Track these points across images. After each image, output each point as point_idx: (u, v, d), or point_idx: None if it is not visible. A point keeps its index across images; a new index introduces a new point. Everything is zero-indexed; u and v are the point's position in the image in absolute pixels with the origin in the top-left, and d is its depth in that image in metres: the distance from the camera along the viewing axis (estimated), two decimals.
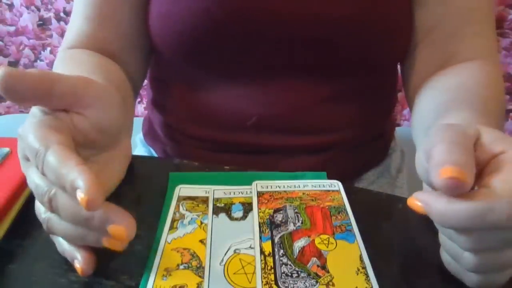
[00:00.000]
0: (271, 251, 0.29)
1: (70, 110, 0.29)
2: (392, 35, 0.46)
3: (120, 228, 0.25)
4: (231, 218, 0.32)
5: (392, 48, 0.47)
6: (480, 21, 0.47)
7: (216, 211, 0.33)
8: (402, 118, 1.15)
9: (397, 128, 0.65)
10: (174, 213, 0.33)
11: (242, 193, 0.35)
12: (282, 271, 0.27)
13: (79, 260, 0.27)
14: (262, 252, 0.29)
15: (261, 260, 0.28)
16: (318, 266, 0.28)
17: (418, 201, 0.26)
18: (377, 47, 0.46)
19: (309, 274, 0.27)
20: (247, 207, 0.33)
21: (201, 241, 0.30)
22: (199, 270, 0.28)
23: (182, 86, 0.51)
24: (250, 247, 0.30)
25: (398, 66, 0.54)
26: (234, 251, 0.29)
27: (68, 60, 0.45)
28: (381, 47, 0.46)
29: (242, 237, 0.30)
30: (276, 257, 0.29)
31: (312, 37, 0.44)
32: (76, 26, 0.49)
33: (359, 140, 0.53)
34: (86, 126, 0.30)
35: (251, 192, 0.35)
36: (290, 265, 0.28)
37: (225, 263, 0.28)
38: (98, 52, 0.46)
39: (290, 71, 0.47)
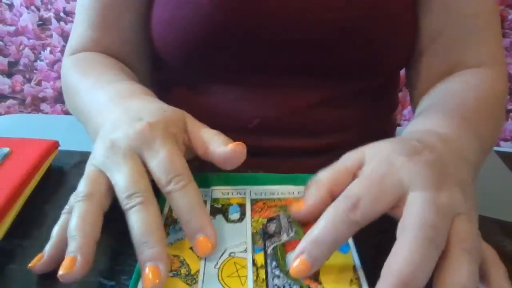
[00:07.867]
0: (263, 263, 0.28)
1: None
2: (392, 39, 0.46)
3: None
4: (227, 220, 0.32)
5: (392, 52, 0.47)
6: (485, 28, 0.47)
7: (213, 212, 0.33)
8: (402, 118, 1.15)
9: (397, 128, 0.65)
10: (167, 218, 0.32)
11: (240, 194, 0.35)
12: (274, 284, 0.27)
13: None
14: (254, 264, 0.28)
15: (253, 272, 0.28)
16: (310, 278, 0.27)
17: None
18: (378, 51, 0.46)
19: (301, 286, 0.27)
20: (243, 209, 0.33)
21: (191, 248, 0.29)
22: (187, 278, 0.27)
23: (183, 89, 0.52)
24: (245, 251, 0.29)
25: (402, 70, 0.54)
26: (229, 255, 0.29)
27: (87, 63, 0.46)
28: (382, 52, 0.46)
29: (238, 240, 0.30)
30: (269, 269, 0.28)
31: (312, 40, 0.44)
32: (80, 32, 0.50)
33: (361, 142, 0.53)
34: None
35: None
36: (282, 277, 0.27)
37: (220, 266, 0.28)
38: None
39: (292, 73, 0.47)
